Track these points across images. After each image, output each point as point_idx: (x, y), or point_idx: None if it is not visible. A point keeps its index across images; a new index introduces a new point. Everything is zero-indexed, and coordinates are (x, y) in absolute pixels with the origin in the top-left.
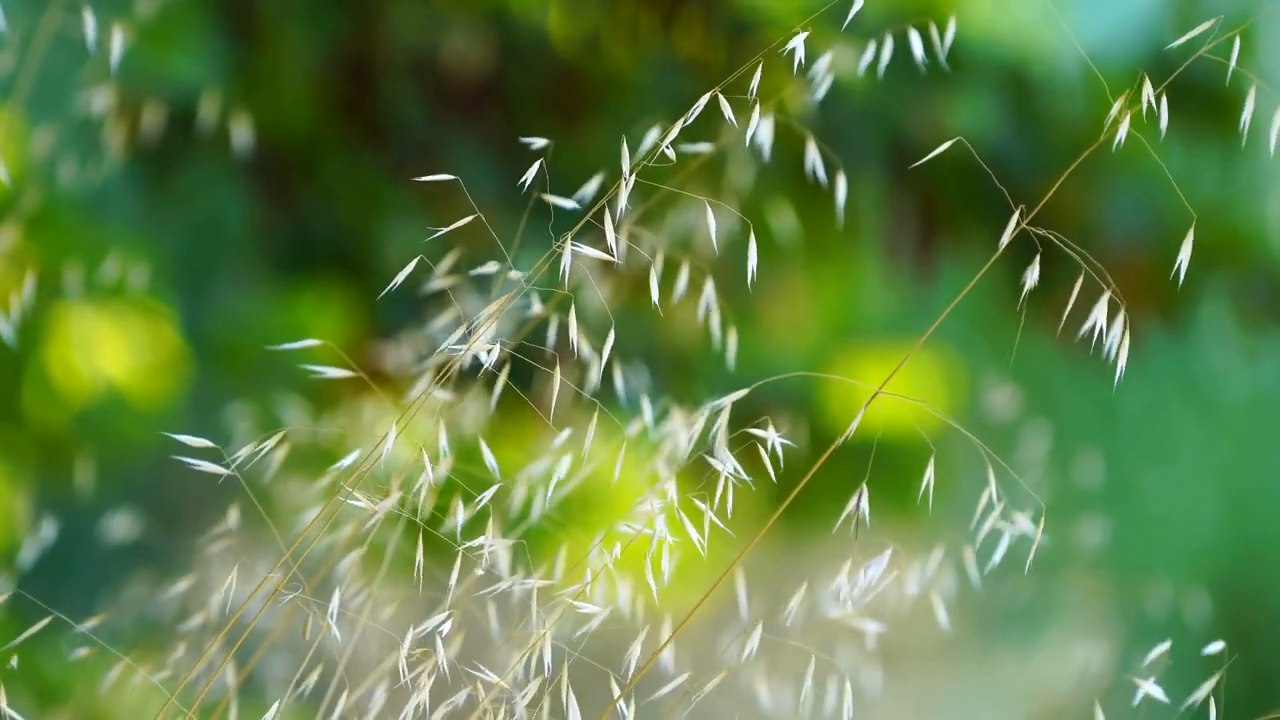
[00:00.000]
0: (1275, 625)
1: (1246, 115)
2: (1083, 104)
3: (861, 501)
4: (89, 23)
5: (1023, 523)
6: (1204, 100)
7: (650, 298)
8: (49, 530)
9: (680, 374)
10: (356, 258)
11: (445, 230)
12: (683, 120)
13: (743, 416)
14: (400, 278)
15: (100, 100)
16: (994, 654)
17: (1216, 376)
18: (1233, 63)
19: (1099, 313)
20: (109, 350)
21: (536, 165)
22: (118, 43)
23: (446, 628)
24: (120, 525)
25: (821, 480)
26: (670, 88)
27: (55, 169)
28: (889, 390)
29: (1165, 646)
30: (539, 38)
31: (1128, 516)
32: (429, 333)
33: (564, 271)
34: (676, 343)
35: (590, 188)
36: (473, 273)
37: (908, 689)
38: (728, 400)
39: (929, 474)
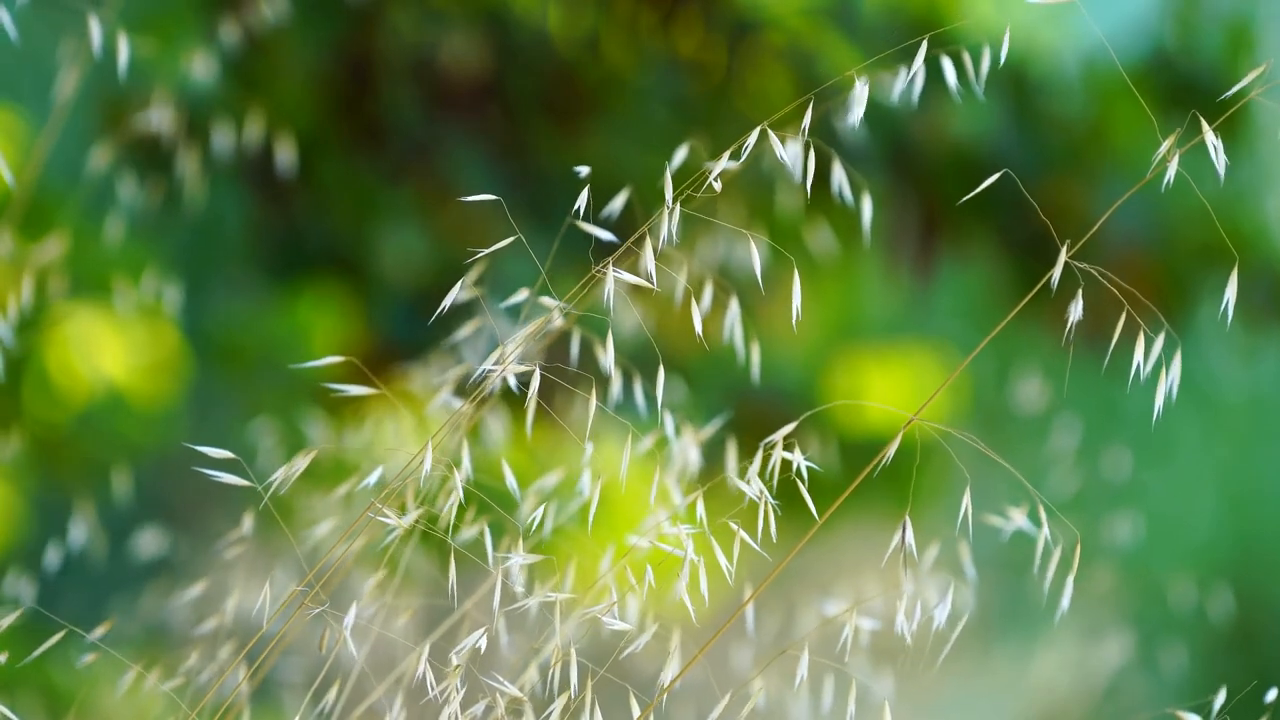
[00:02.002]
0: (1275, 625)
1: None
2: (1083, 104)
3: (907, 534)
4: (95, 29)
5: (1018, 517)
6: (1204, 99)
7: (643, 304)
8: (78, 535)
9: (678, 381)
10: (354, 259)
11: (484, 252)
12: (729, 152)
13: (750, 422)
14: (447, 301)
15: (163, 118)
16: (996, 652)
17: (1216, 376)
18: None
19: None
20: (109, 351)
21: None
22: (125, 49)
23: (483, 645)
24: (124, 527)
25: (824, 481)
26: (670, 88)
27: (60, 173)
28: (923, 418)
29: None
30: (538, 38)
31: (1129, 516)
32: (449, 343)
33: (608, 299)
34: (675, 349)
35: (616, 204)
36: (506, 304)
37: (907, 689)
38: (779, 435)
39: (932, 475)
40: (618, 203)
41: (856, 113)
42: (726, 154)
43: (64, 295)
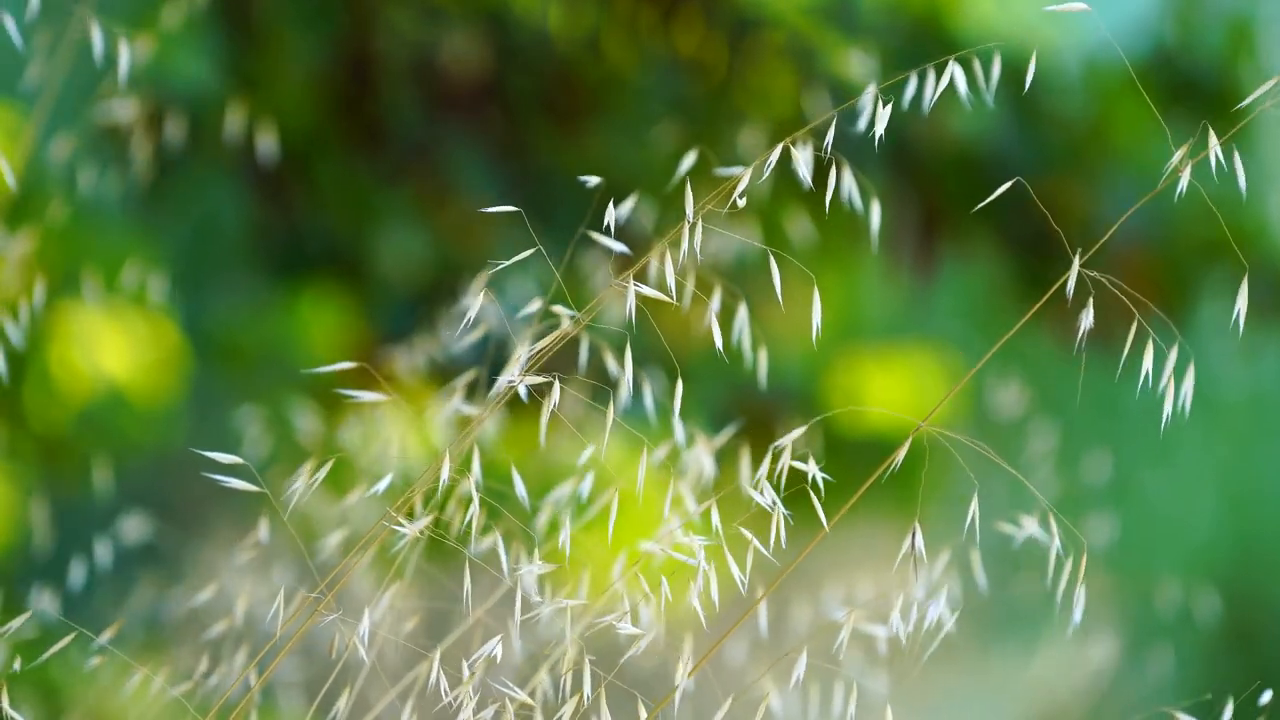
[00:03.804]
0: (1275, 625)
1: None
2: (1084, 103)
3: (917, 540)
4: (95, 32)
5: (1030, 525)
6: (1205, 98)
7: (640, 304)
8: (104, 553)
9: (675, 380)
10: (354, 258)
11: (507, 263)
12: (751, 169)
13: (751, 421)
14: (471, 314)
15: (124, 109)
16: (994, 654)
17: (1216, 376)
18: None
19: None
20: (110, 349)
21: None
22: (125, 52)
23: (499, 653)
24: (125, 525)
25: (825, 482)
26: (671, 87)
27: (71, 176)
28: (930, 425)
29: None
30: (538, 38)
31: (1128, 516)
32: (451, 346)
33: (630, 311)
34: (674, 350)
35: (624, 210)
36: (520, 315)
37: (907, 689)
38: (788, 439)
39: (933, 476)
40: (625, 208)
41: (878, 129)
42: (749, 170)
43: (64, 293)
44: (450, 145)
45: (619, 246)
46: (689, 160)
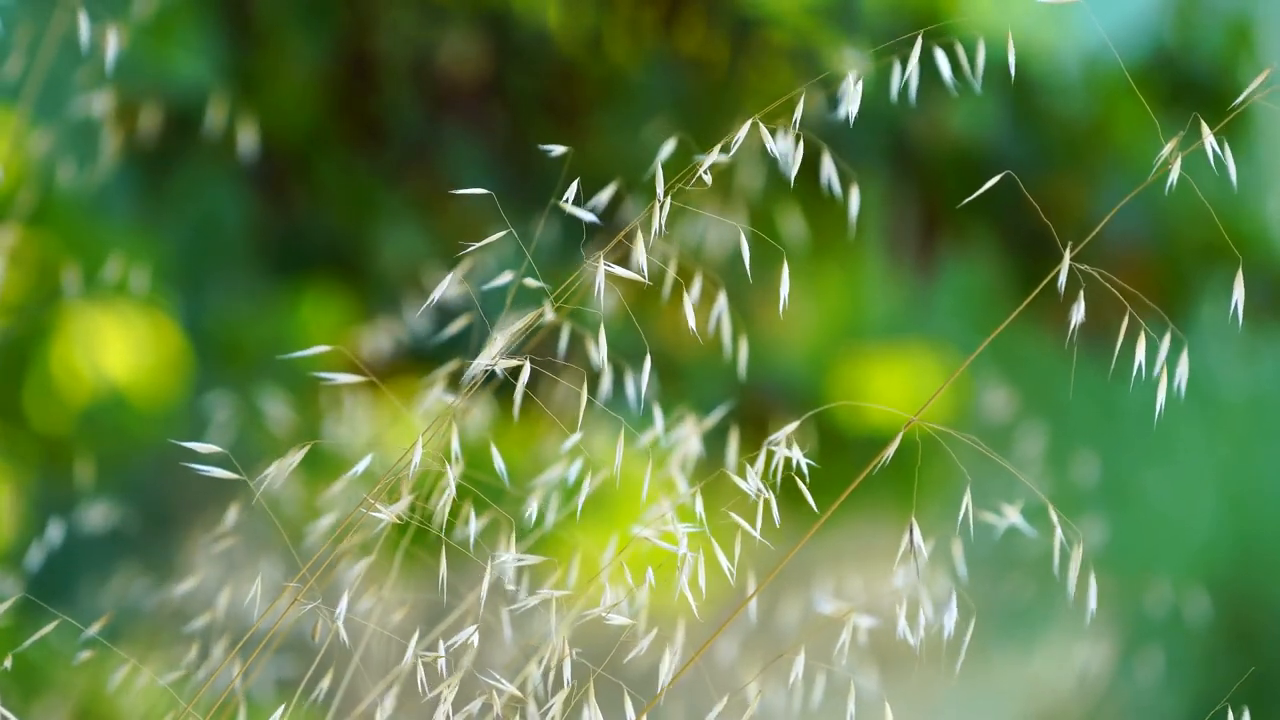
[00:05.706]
0: (1275, 625)
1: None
2: (1084, 102)
3: (915, 536)
4: (84, 23)
5: (1012, 514)
6: (1205, 97)
7: (639, 301)
8: (55, 533)
9: (673, 377)
10: (354, 258)
11: (476, 246)
12: (720, 145)
13: (752, 418)
14: (435, 295)
15: (99, 101)
16: (994, 654)
17: (1217, 376)
18: None
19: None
20: (111, 350)
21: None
22: (113, 43)
23: (475, 640)
24: (123, 522)
25: (821, 476)
26: (672, 86)
27: (56, 169)
28: (924, 419)
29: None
30: (539, 37)
31: (1128, 516)
32: (436, 337)
33: (598, 292)
34: (670, 346)
35: (604, 196)
36: (488, 285)
37: (905, 689)
38: (782, 434)
39: (930, 472)
40: (607, 193)
41: (852, 107)
42: (717, 147)
43: (65, 294)
44: (451, 144)
45: (588, 216)
46: (668, 147)
